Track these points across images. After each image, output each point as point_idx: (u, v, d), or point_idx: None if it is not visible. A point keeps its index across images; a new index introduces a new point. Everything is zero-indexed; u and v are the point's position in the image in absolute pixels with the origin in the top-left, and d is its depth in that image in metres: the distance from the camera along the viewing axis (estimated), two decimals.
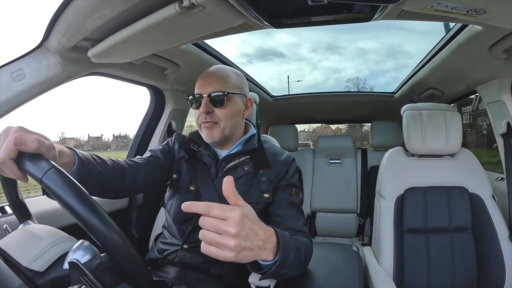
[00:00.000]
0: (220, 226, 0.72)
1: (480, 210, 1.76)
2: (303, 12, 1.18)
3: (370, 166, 3.59)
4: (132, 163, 1.35)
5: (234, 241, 0.72)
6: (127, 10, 1.08)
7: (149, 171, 1.38)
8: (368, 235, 3.43)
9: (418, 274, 1.73)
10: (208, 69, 1.43)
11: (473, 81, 2.05)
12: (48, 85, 1.32)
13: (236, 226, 0.72)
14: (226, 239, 0.72)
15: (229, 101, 1.35)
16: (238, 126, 1.44)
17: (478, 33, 1.46)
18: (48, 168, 0.76)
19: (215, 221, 0.73)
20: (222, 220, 0.73)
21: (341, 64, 22.40)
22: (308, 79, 16.89)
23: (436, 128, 1.80)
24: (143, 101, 2.43)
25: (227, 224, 0.72)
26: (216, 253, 0.73)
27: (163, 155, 1.47)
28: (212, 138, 1.36)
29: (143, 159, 1.42)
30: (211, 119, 1.34)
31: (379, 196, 1.88)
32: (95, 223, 0.76)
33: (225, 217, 0.73)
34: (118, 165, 1.27)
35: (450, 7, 0.97)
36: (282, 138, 3.23)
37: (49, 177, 0.74)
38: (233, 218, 0.72)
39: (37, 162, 0.77)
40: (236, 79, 1.42)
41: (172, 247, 1.43)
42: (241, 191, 1.37)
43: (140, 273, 0.85)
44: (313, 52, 19.88)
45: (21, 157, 0.78)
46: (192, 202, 0.74)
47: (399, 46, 13.96)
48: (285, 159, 1.46)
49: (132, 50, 1.38)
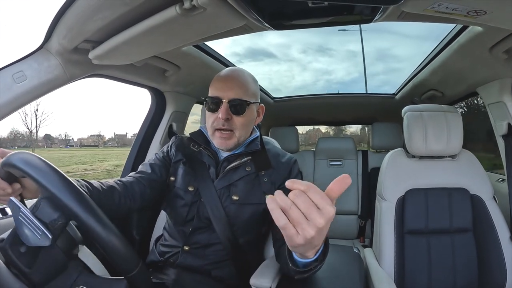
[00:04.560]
0: (313, 211, 0.65)
1: (481, 212, 1.75)
2: (304, 13, 1.18)
3: (371, 168, 3.58)
4: (120, 182, 1.34)
5: (314, 233, 0.66)
6: (128, 12, 1.09)
7: (139, 188, 1.37)
8: (369, 236, 3.42)
9: (419, 276, 1.72)
10: (226, 71, 1.43)
11: (474, 82, 2.05)
12: (49, 87, 1.32)
13: (326, 220, 0.66)
14: (310, 226, 0.66)
15: (247, 110, 1.36)
16: (249, 132, 1.46)
17: (479, 34, 1.46)
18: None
19: (310, 202, 0.66)
20: (317, 207, 0.66)
21: (331, 66, 22.30)
22: (298, 80, 16.80)
23: (437, 130, 1.79)
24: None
25: (320, 214, 0.65)
26: (292, 234, 0.67)
27: (153, 168, 1.45)
28: (226, 147, 1.37)
29: (131, 176, 1.41)
30: (228, 127, 1.34)
31: (380, 197, 1.88)
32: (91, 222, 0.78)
33: (321, 205, 0.66)
34: (106, 186, 1.25)
35: (451, 8, 0.97)
36: (282, 140, 3.23)
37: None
38: (328, 211, 0.66)
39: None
40: (254, 86, 1.43)
41: (172, 249, 1.43)
42: (243, 192, 1.38)
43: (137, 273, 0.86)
44: (303, 53, 19.78)
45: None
46: (295, 180, 0.68)
47: (388, 50, 13.90)
48: (288, 161, 1.47)
49: (133, 52, 1.39)
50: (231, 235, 1.36)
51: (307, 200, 0.66)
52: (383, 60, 2.63)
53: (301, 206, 0.66)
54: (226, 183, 1.38)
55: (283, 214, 0.66)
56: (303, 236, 0.66)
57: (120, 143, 48.11)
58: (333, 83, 17.63)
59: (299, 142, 3.73)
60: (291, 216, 0.66)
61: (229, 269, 1.40)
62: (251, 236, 1.44)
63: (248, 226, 1.39)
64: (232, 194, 1.38)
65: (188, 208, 1.39)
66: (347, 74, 13.64)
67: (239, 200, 1.37)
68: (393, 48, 3.71)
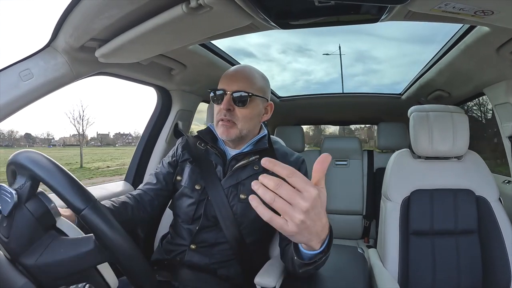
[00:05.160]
0: (295, 197, 0.68)
1: (486, 213, 1.74)
2: (310, 13, 1.18)
3: (376, 168, 3.57)
4: (131, 196, 1.42)
5: (302, 216, 0.69)
6: (134, 11, 1.09)
7: (148, 199, 1.45)
8: (374, 237, 3.41)
9: (423, 277, 1.72)
10: (234, 67, 1.44)
11: (481, 83, 2.04)
12: (55, 85, 1.33)
13: (310, 202, 0.68)
14: (295, 211, 0.68)
15: (251, 102, 1.36)
16: (255, 128, 1.45)
17: (486, 35, 1.45)
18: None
19: (292, 190, 0.69)
20: (298, 192, 0.69)
21: (311, 66, 22.20)
22: (278, 80, 16.77)
23: (443, 130, 1.78)
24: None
25: (302, 197, 0.68)
26: (280, 224, 0.70)
27: (158, 179, 1.50)
28: (228, 136, 1.37)
29: (139, 189, 1.48)
30: (230, 118, 1.35)
31: (385, 198, 1.87)
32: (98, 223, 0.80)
33: (302, 189, 0.69)
34: (118, 202, 1.32)
35: (458, 8, 0.96)
36: (288, 139, 3.22)
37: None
38: (310, 193, 0.68)
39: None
40: (261, 82, 1.43)
41: (179, 248, 1.43)
42: (250, 191, 1.37)
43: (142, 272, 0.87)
44: (283, 54, 19.77)
45: None
46: (274, 161, 0.71)
47: (367, 52, 13.77)
48: (296, 160, 1.47)
49: (139, 50, 1.39)
50: (238, 234, 1.36)
51: (289, 188, 0.69)
52: (362, 61, 2.64)
53: (284, 196, 0.68)
54: (234, 182, 1.38)
55: (266, 208, 0.69)
56: (293, 223, 0.69)
57: (103, 142, 48.46)
58: (312, 84, 17.61)
59: (304, 142, 3.74)
60: (276, 208, 0.69)
61: (235, 268, 1.40)
62: (258, 235, 1.43)
63: (256, 225, 1.39)
64: (240, 193, 1.38)
65: (196, 207, 1.39)
66: (326, 75, 13.67)
67: (246, 199, 1.36)
68: (372, 50, 3.73)
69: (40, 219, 0.85)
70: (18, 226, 0.83)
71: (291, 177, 0.69)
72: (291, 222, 0.69)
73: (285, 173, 0.70)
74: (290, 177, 0.69)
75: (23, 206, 0.83)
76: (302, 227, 0.70)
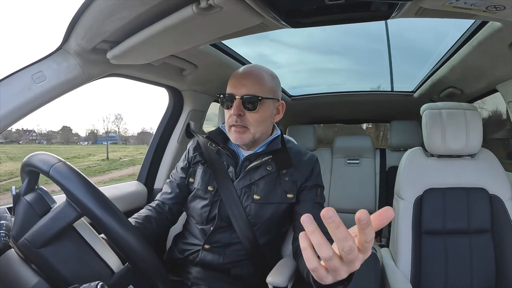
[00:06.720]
0: (353, 254, 0.54)
1: (500, 212, 1.72)
2: (321, 11, 1.17)
3: (388, 167, 3.55)
4: (151, 207, 1.46)
5: (345, 273, 0.58)
6: (145, 12, 1.10)
7: (167, 207, 1.48)
8: (386, 236, 3.39)
9: (435, 277, 1.70)
10: (242, 68, 1.42)
11: (494, 79, 2.01)
12: (68, 87, 1.34)
13: (359, 265, 0.57)
14: (344, 271, 0.57)
15: (261, 105, 1.34)
16: (268, 130, 1.44)
17: (498, 30, 1.43)
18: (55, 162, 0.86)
19: (355, 249, 0.55)
20: (360, 254, 0.56)
21: None
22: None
23: (456, 128, 1.76)
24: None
25: (360, 258, 0.57)
26: (321, 277, 0.59)
27: (172, 188, 1.52)
28: (241, 142, 1.36)
29: (157, 200, 1.52)
30: (241, 123, 1.33)
31: (398, 197, 1.86)
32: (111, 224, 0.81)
33: (363, 248, 0.55)
34: (141, 218, 1.36)
35: (469, 3, 0.95)
36: (300, 138, 3.22)
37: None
38: (368, 256, 0.57)
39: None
40: (271, 82, 1.40)
41: (193, 247, 1.43)
42: (264, 191, 1.38)
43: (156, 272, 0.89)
44: None
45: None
46: (332, 211, 0.53)
47: (268, 56, 13.65)
48: (309, 159, 1.45)
49: (151, 51, 1.40)
50: (251, 235, 1.36)
51: (353, 247, 0.54)
52: (264, 65, 2.65)
53: (346, 249, 0.54)
54: (247, 183, 1.38)
55: (315, 256, 0.56)
56: (333, 278, 0.59)
57: (8, 139, 48.63)
58: None
59: (316, 141, 3.72)
60: (328, 266, 0.57)
61: (248, 268, 1.40)
62: (271, 236, 1.44)
63: (269, 225, 1.39)
64: (254, 194, 1.37)
65: (210, 208, 1.40)
66: None
67: (260, 200, 1.37)
68: (273, 55, 3.65)
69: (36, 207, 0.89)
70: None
71: (362, 231, 0.54)
72: (333, 277, 0.59)
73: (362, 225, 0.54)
74: (363, 222, 0.53)
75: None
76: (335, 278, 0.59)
